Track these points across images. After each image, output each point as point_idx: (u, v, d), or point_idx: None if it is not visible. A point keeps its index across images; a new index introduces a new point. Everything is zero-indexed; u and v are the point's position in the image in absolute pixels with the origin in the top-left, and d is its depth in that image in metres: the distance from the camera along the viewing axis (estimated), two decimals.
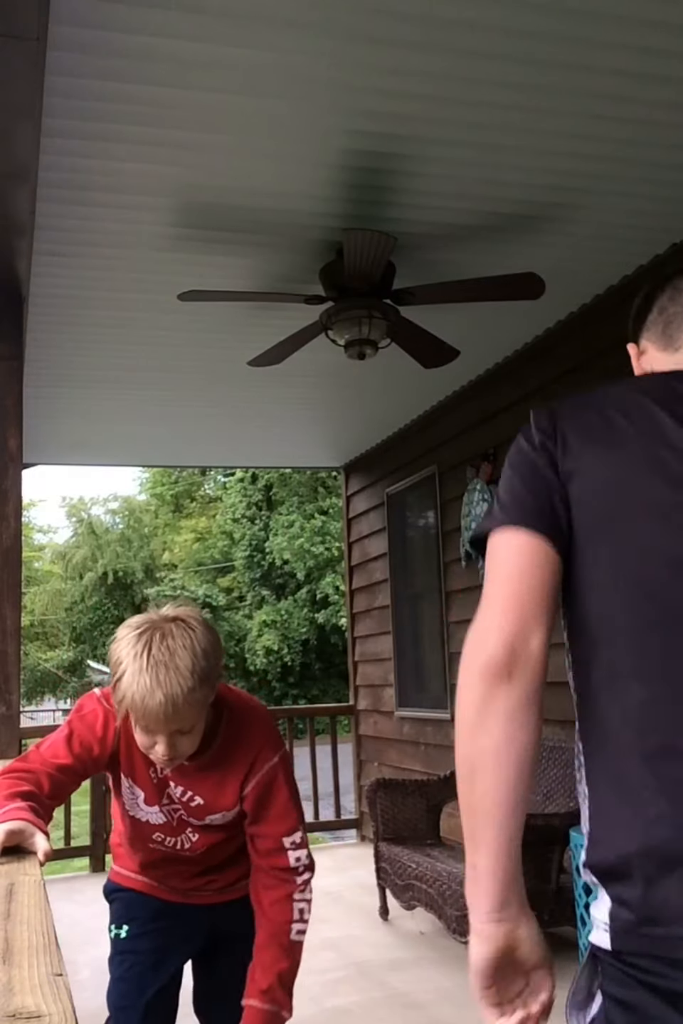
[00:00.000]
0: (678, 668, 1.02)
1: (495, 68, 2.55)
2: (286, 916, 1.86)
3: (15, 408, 3.29)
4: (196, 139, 2.84)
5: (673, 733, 1.01)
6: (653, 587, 1.06)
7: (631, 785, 1.03)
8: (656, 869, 0.99)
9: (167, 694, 1.64)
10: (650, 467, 1.10)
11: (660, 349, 1.31)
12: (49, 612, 27.11)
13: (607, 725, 1.09)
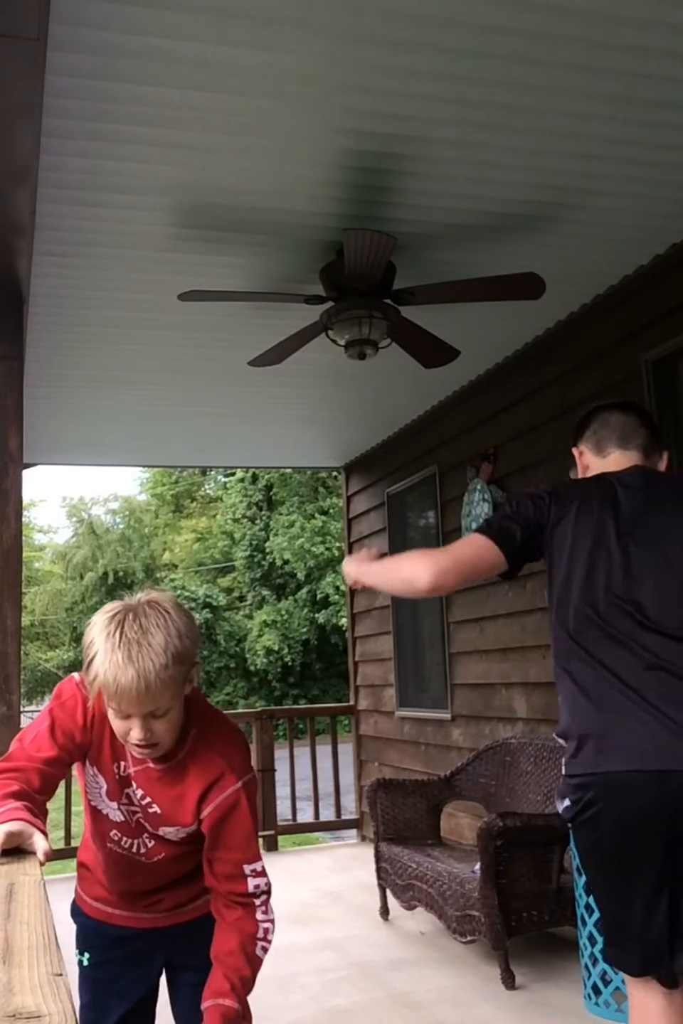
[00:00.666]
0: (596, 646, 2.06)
1: (495, 68, 2.55)
2: (251, 929, 1.81)
3: (15, 408, 3.29)
4: (196, 139, 2.84)
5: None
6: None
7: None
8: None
9: (139, 670, 1.62)
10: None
11: (594, 455, 2.29)
12: (49, 612, 27.11)
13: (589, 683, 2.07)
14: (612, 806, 1.91)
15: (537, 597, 4.93)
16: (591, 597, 2.01)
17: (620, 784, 1.90)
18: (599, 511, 2.08)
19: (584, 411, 2.36)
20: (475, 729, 5.58)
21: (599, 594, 2.01)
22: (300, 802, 7.47)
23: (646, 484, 2.13)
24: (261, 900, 1.83)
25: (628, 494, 2.09)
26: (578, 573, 2.04)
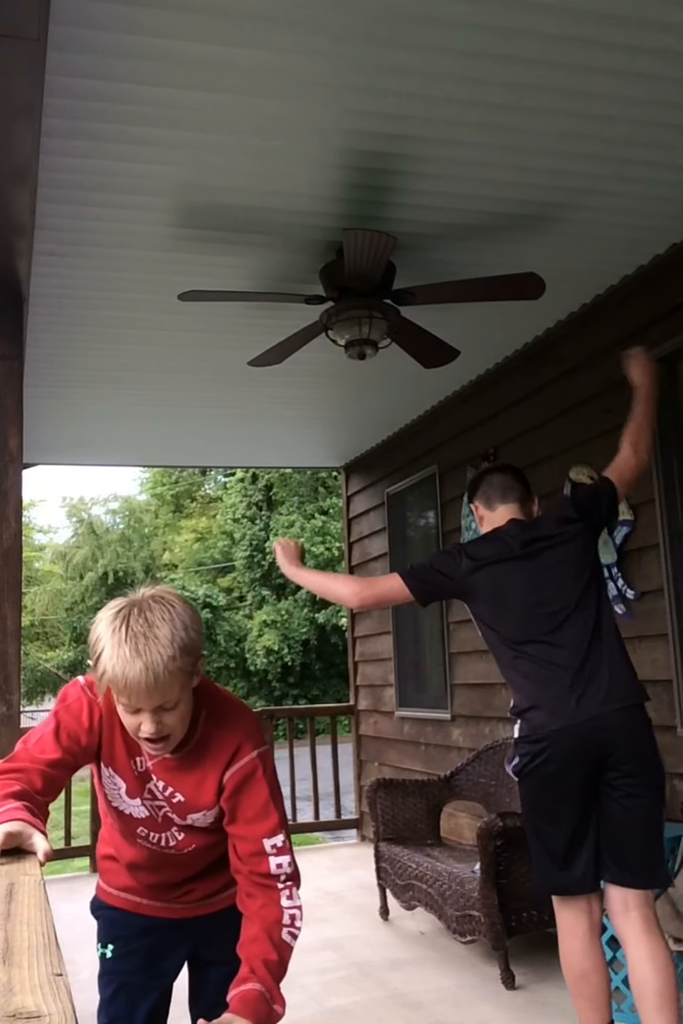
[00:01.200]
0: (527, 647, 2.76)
1: (495, 68, 2.55)
2: (276, 916, 1.76)
3: (15, 408, 3.29)
4: (196, 139, 2.84)
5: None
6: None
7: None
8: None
9: (147, 663, 1.62)
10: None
11: (486, 509, 2.99)
12: (49, 612, 27.11)
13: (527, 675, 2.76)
14: (556, 752, 2.60)
15: None
16: (521, 616, 2.76)
17: (558, 736, 2.59)
18: (503, 559, 2.82)
19: (473, 476, 3.23)
20: (475, 729, 5.58)
21: (526, 612, 2.75)
22: (300, 802, 7.47)
23: (522, 530, 2.88)
24: (285, 884, 1.78)
25: (515, 543, 2.85)
26: (505, 602, 2.79)
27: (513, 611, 2.78)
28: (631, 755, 2.58)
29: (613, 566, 4.21)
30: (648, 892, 2.59)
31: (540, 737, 2.61)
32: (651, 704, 3.98)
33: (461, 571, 2.83)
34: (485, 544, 2.91)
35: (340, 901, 5.36)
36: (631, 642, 4.14)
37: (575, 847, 2.57)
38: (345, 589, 2.99)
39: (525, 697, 2.70)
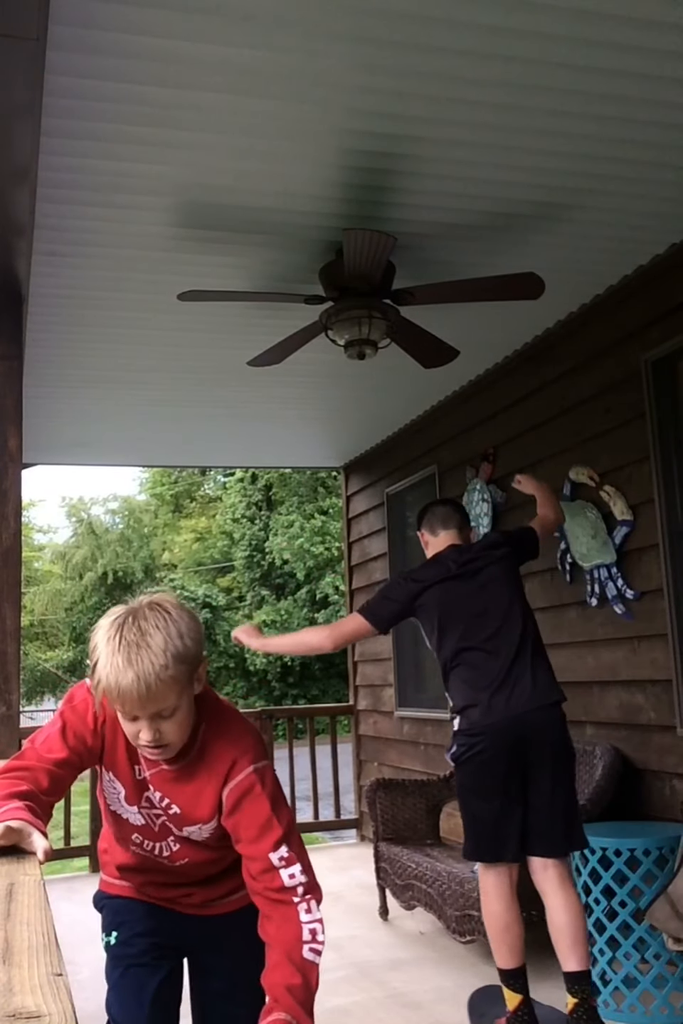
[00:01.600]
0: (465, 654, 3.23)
1: (495, 68, 2.55)
2: (295, 934, 1.72)
3: (15, 408, 3.29)
4: (196, 139, 2.84)
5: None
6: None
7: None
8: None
9: (138, 672, 1.62)
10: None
11: (431, 535, 3.51)
12: (49, 612, 27.11)
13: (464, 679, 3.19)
14: (489, 743, 3.06)
15: (537, 597, 4.93)
16: (461, 628, 3.22)
17: (491, 730, 3.07)
18: (446, 576, 3.30)
19: (420, 508, 3.76)
20: None
21: (465, 624, 3.22)
22: (300, 802, 7.47)
23: (459, 554, 3.38)
24: (302, 897, 1.74)
25: (453, 564, 3.33)
26: (448, 616, 3.25)
27: (455, 624, 3.24)
28: (551, 746, 3.06)
29: (613, 566, 4.21)
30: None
31: (477, 731, 3.09)
32: (651, 704, 4.00)
33: (409, 595, 3.33)
34: (428, 568, 3.43)
35: (340, 901, 5.36)
36: (631, 642, 4.15)
37: (503, 822, 3.05)
38: (316, 637, 3.46)
39: (463, 697, 3.17)
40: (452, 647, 3.22)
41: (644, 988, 3.29)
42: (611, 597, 4.24)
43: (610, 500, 4.23)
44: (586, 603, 4.44)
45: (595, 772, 4.07)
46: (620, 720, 4.22)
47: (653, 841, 3.32)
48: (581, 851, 3.31)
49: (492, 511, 5.30)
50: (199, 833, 1.85)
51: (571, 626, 4.60)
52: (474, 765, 3.09)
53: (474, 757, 3.08)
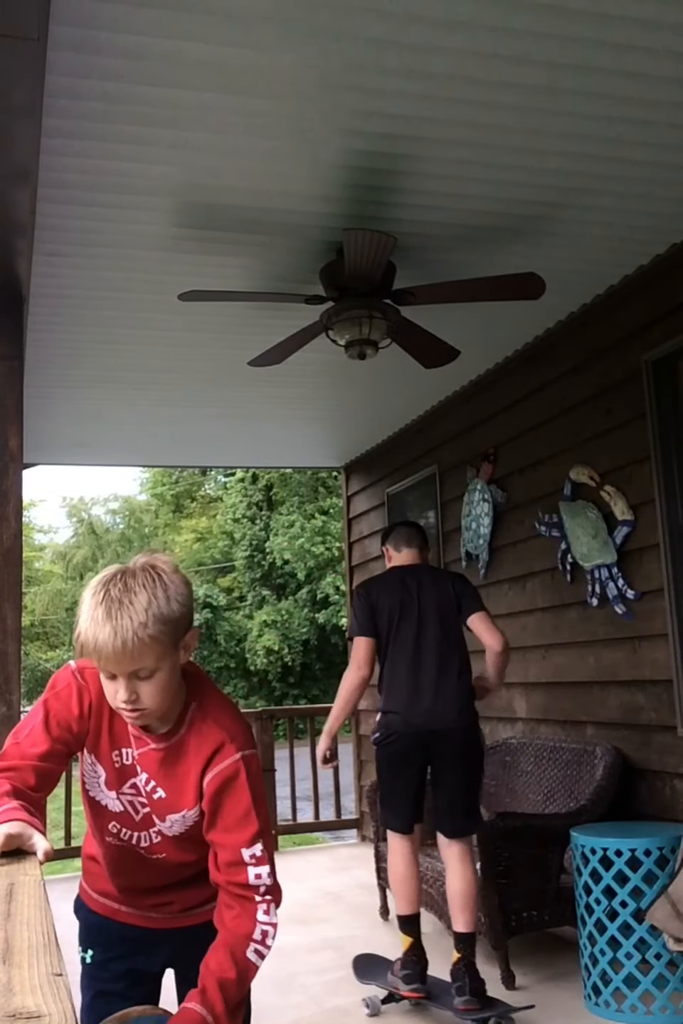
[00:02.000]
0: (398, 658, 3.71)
1: (495, 68, 2.55)
2: (246, 929, 1.69)
3: (15, 408, 3.29)
4: (196, 139, 2.84)
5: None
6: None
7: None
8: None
9: (116, 627, 1.61)
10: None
11: (394, 551, 3.92)
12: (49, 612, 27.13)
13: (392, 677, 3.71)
14: (401, 734, 3.63)
15: (537, 597, 4.93)
16: (400, 638, 3.70)
17: (404, 730, 3.62)
18: (398, 590, 3.77)
19: (386, 527, 4.53)
20: None
21: (404, 635, 3.70)
22: (300, 802, 7.47)
23: (410, 573, 3.83)
24: (263, 899, 1.71)
25: (409, 579, 3.80)
26: (393, 626, 3.72)
27: (396, 633, 3.71)
28: (455, 746, 3.59)
29: (613, 566, 4.21)
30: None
31: (393, 730, 3.65)
32: (652, 704, 3.99)
33: (370, 604, 3.79)
34: (382, 580, 3.95)
35: (340, 901, 5.36)
36: (632, 642, 4.14)
37: (408, 801, 3.65)
38: (349, 678, 3.82)
39: (389, 697, 3.72)
40: (392, 654, 3.72)
41: (645, 988, 3.29)
42: (612, 597, 4.24)
43: (610, 500, 4.23)
44: (587, 603, 4.44)
45: (596, 772, 4.07)
46: (620, 720, 4.21)
47: (654, 841, 3.32)
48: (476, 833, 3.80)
49: (493, 511, 5.30)
50: (182, 822, 1.80)
51: (572, 626, 4.60)
52: (388, 752, 3.68)
53: (388, 746, 3.67)
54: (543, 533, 4.79)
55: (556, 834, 3.80)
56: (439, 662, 3.63)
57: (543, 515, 4.79)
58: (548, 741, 4.62)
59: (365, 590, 3.88)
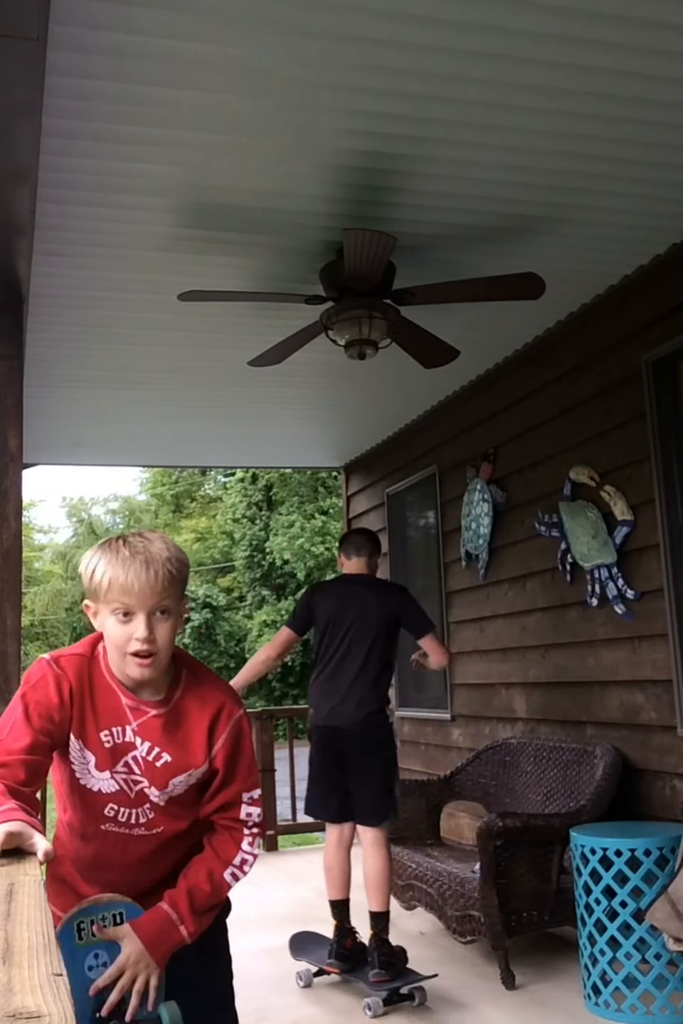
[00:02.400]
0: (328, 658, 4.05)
1: (494, 69, 2.55)
2: (229, 855, 1.84)
3: (15, 408, 3.29)
4: (196, 139, 2.84)
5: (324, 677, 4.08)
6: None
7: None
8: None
9: (148, 558, 1.73)
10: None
11: (346, 559, 4.19)
12: (49, 612, 27.12)
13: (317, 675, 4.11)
14: (316, 728, 4.06)
15: (537, 597, 4.93)
16: (331, 642, 4.05)
17: (322, 727, 4.04)
18: (338, 598, 4.09)
19: (343, 534, 4.72)
20: (475, 729, 5.59)
21: (334, 641, 4.03)
22: (300, 802, 7.43)
23: (353, 583, 4.17)
24: (251, 831, 1.85)
25: (352, 589, 4.13)
26: (327, 629, 4.06)
27: (330, 637, 4.04)
28: (366, 744, 3.93)
29: (613, 566, 4.21)
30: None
31: (312, 724, 4.11)
32: (652, 704, 3.99)
33: (310, 605, 4.13)
34: (327, 587, 4.31)
35: None
36: (631, 642, 4.14)
37: (330, 794, 4.00)
38: (260, 653, 4.31)
39: (311, 693, 4.13)
40: (322, 656, 4.09)
41: (645, 988, 3.29)
42: (611, 597, 4.24)
43: (610, 500, 4.23)
44: (586, 603, 4.44)
45: (596, 772, 4.07)
46: (620, 720, 4.21)
47: (654, 841, 3.32)
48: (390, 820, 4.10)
49: (493, 511, 5.30)
50: (186, 781, 1.83)
51: (571, 626, 4.60)
52: (313, 747, 4.09)
53: (313, 742, 4.11)
54: (543, 533, 4.79)
55: (556, 834, 3.80)
56: (360, 668, 3.95)
57: (543, 515, 4.79)
58: (548, 741, 4.62)
59: (310, 592, 4.24)
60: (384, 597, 4.11)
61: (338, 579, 4.30)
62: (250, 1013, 3.66)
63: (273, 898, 5.44)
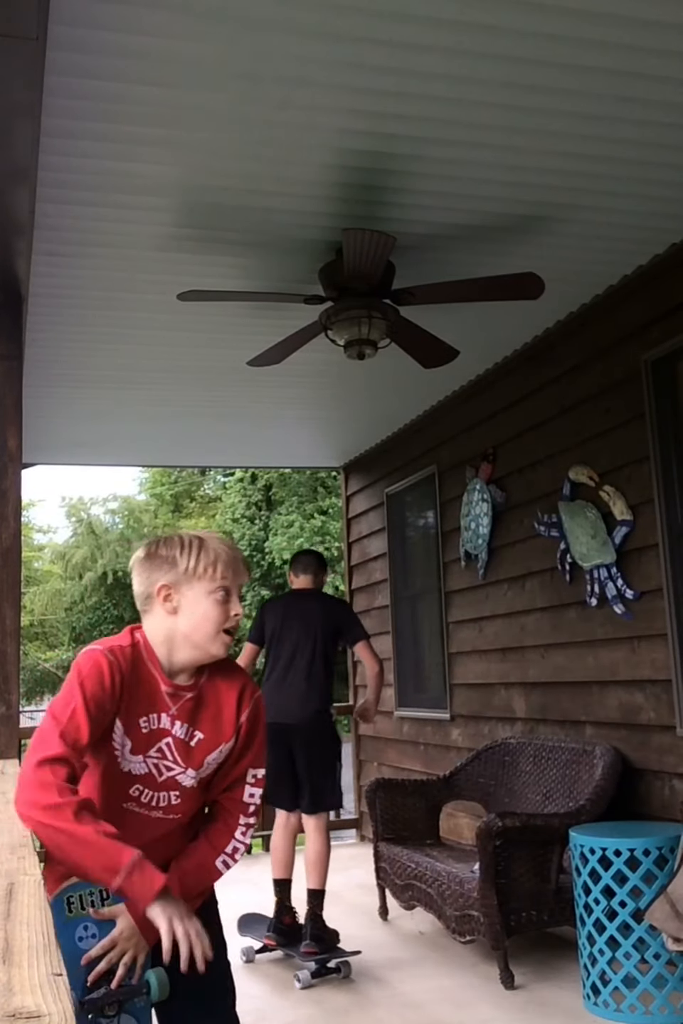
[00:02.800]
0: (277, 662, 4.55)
1: (494, 69, 2.55)
2: (223, 844, 1.95)
3: (15, 408, 3.29)
4: (196, 139, 2.84)
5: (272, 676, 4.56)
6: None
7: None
8: None
9: (231, 544, 1.98)
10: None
11: (294, 576, 4.76)
12: (49, 612, 27.09)
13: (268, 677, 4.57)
14: (270, 730, 4.32)
15: (536, 597, 4.93)
16: (279, 648, 4.56)
17: (272, 723, 4.12)
18: (285, 610, 4.66)
19: (292, 556, 5.17)
20: (474, 729, 5.59)
21: (282, 646, 4.55)
22: None
23: (299, 597, 4.69)
24: (246, 819, 1.98)
25: (298, 602, 4.66)
26: (274, 637, 4.60)
27: (278, 645, 4.56)
28: (302, 738, 4.37)
29: (613, 566, 4.21)
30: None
31: (267, 723, 4.17)
32: (651, 704, 4.00)
33: (261, 619, 4.71)
34: (277, 601, 4.90)
35: (340, 901, 5.36)
36: (631, 642, 4.15)
37: (280, 785, 4.40)
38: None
39: (265, 694, 4.52)
40: (272, 660, 4.58)
41: (644, 988, 3.29)
42: (611, 597, 4.24)
43: (610, 500, 4.23)
44: (586, 603, 4.44)
45: (595, 772, 4.07)
46: (620, 720, 4.22)
47: (653, 841, 3.32)
48: (336, 809, 4.82)
49: (492, 511, 5.30)
50: (217, 759, 1.96)
51: (571, 626, 4.60)
52: (271, 743, 4.40)
53: (268, 739, 4.35)
54: (542, 533, 4.79)
55: (555, 834, 3.80)
56: (304, 671, 4.46)
57: (542, 515, 4.79)
58: (547, 741, 4.62)
59: (262, 608, 4.84)
60: (326, 609, 4.63)
61: (287, 594, 4.83)
62: (250, 1013, 3.67)
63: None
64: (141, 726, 1.89)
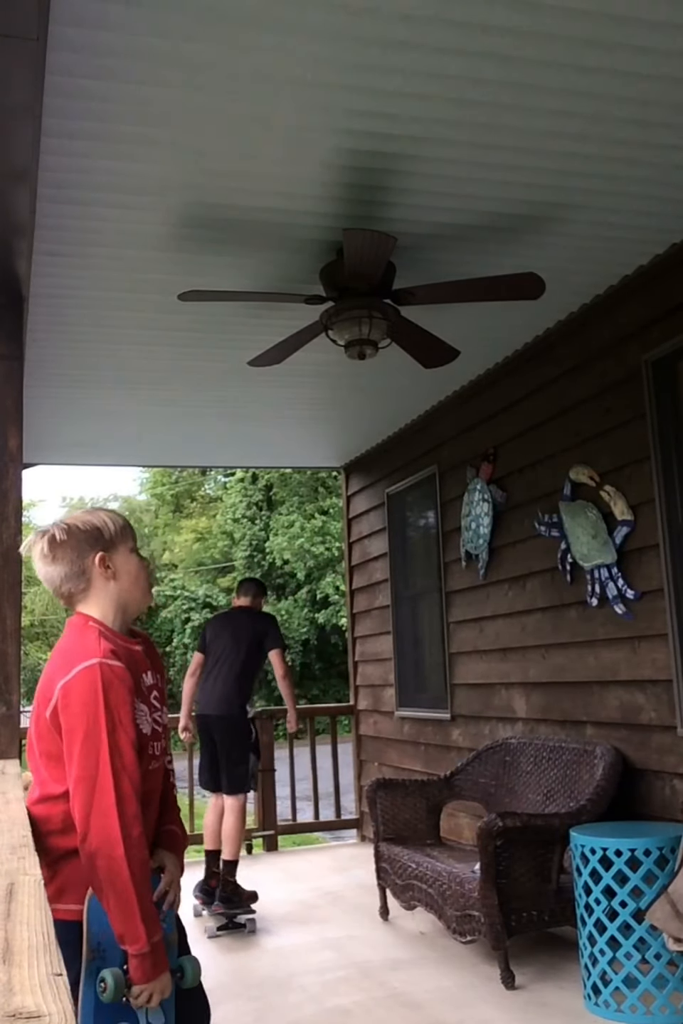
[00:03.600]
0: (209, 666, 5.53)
1: (494, 69, 2.55)
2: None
3: (15, 408, 3.29)
4: (196, 139, 2.84)
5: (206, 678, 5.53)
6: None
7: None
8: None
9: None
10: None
11: (236, 597, 5.87)
12: (49, 612, 27.10)
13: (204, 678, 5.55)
14: (199, 721, 5.43)
15: (537, 597, 4.93)
16: (213, 656, 5.46)
17: (201, 716, 5.41)
18: (222, 623, 5.66)
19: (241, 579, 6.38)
20: (475, 729, 5.59)
21: (215, 653, 5.46)
22: (300, 802, 7.47)
23: (231, 616, 5.70)
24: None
25: (232, 617, 5.66)
26: (211, 645, 5.52)
27: (212, 653, 5.46)
28: (221, 729, 5.24)
29: (613, 566, 4.21)
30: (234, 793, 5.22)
31: (196, 716, 5.47)
32: (652, 704, 3.99)
33: (205, 631, 5.70)
34: (218, 616, 5.95)
35: (340, 901, 5.36)
36: (631, 642, 4.15)
37: (205, 769, 5.33)
38: (188, 683, 5.63)
39: (199, 691, 5.45)
40: (208, 664, 5.45)
41: (645, 988, 3.29)
42: (611, 597, 4.24)
43: (610, 500, 4.23)
44: (586, 603, 4.44)
45: (595, 772, 4.07)
46: (620, 720, 4.22)
47: (653, 841, 3.32)
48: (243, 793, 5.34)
49: (493, 511, 5.30)
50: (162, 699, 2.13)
51: (571, 626, 4.60)
52: (201, 733, 5.41)
53: (198, 729, 5.45)
54: (543, 533, 4.79)
55: (556, 834, 3.80)
56: (227, 675, 5.29)
57: (543, 515, 4.79)
58: (548, 741, 4.62)
59: (206, 622, 5.87)
60: (253, 622, 5.51)
61: (230, 610, 5.84)
62: (250, 1013, 3.67)
63: (273, 898, 5.44)
64: (144, 691, 2.00)
